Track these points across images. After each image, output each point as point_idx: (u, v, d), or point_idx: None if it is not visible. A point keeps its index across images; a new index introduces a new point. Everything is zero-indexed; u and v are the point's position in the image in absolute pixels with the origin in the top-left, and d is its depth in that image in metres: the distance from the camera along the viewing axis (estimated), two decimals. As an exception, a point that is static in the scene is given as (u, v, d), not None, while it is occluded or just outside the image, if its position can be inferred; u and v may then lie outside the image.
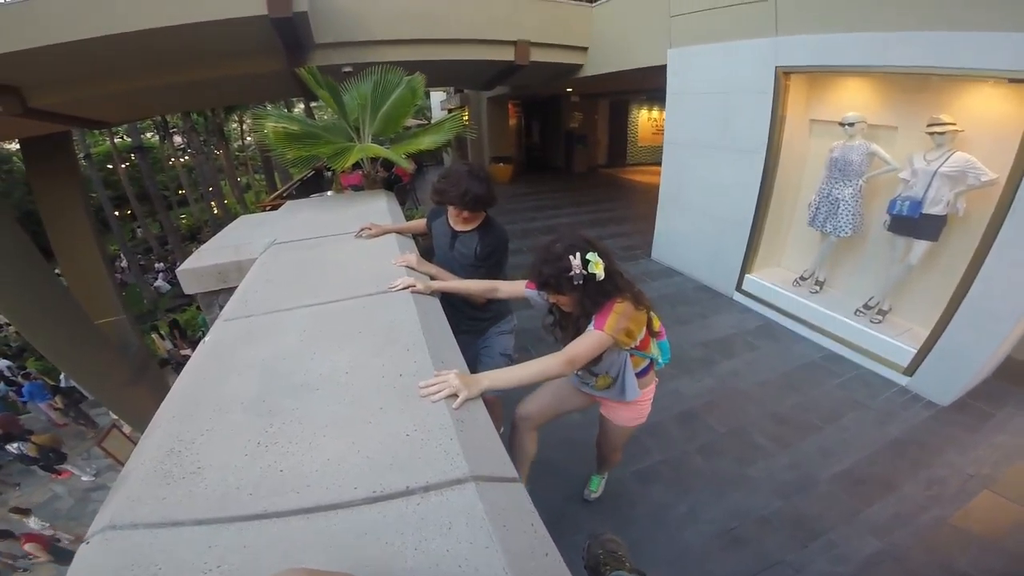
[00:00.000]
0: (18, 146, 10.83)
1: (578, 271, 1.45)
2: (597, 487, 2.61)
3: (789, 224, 4.69)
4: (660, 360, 1.86)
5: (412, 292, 1.71)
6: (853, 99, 3.81)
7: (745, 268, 4.74)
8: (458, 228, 2.18)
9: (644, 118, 14.55)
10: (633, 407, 1.92)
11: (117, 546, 0.80)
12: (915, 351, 3.40)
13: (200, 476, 0.94)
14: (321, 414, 1.12)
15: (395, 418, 1.09)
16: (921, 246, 3.38)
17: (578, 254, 1.47)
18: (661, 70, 5.37)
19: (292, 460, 0.98)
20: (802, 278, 4.47)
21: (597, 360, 1.59)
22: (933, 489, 2.67)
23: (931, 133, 3.17)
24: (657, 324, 1.76)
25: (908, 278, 3.64)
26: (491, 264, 2.14)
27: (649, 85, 9.20)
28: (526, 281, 1.80)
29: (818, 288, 4.32)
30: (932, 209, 3.20)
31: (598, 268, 1.48)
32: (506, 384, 1.32)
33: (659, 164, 5.82)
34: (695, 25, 4.89)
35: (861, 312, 3.91)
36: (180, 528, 0.83)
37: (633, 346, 1.64)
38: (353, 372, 1.28)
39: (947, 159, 3.11)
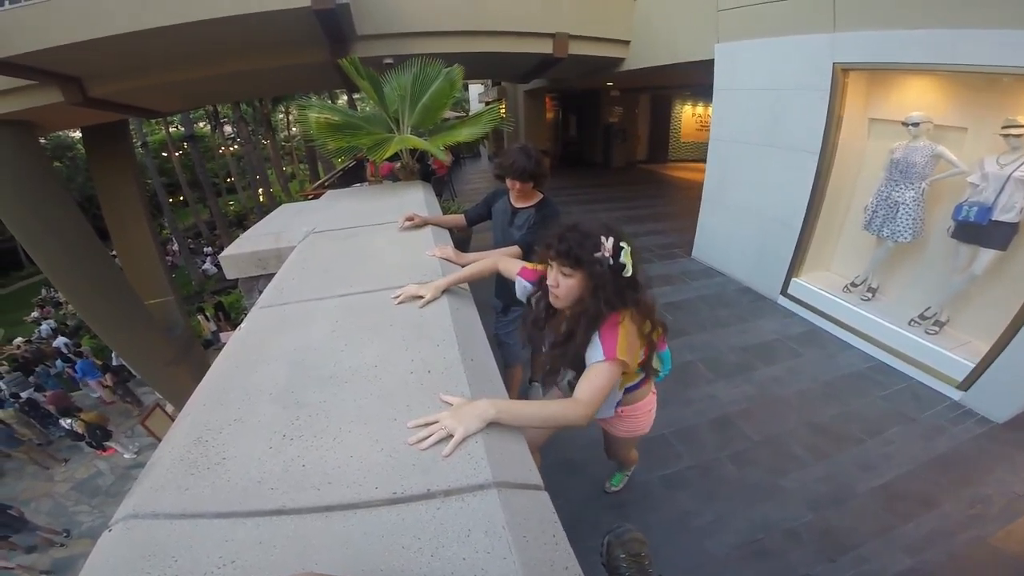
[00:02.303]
0: (80, 134, 11.44)
1: (607, 254, 1.25)
2: (619, 482, 2.58)
3: (841, 227, 4.45)
4: (661, 371, 1.69)
5: (421, 306, 1.56)
6: (918, 98, 3.56)
7: (792, 271, 4.53)
8: (517, 205, 2.43)
9: (688, 114, 14.15)
10: (629, 420, 1.74)
11: (137, 535, 0.80)
12: (972, 365, 3.18)
13: (224, 467, 0.94)
14: (348, 408, 1.11)
15: (421, 416, 1.07)
16: (987, 255, 3.15)
17: (612, 238, 1.27)
18: (707, 65, 5.19)
19: (315, 455, 0.97)
20: (853, 284, 4.25)
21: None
22: (976, 508, 2.51)
23: (1006, 136, 2.95)
24: (658, 333, 1.53)
25: (970, 288, 3.40)
26: (543, 227, 2.32)
27: (694, 80, 8.94)
28: (522, 266, 1.66)
29: (870, 295, 4.09)
30: (1003, 216, 2.98)
31: (629, 260, 1.28)
32: (515, 420, 1.10)
33: (703, 161, 5.64)
34: (745, 19, 4.69)
35: (916, 322, 3.69)
36: (199, 520, 0.83)
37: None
38: (382, 366, 1.27)
39: (1023, 163, 2.88)
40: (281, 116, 27.28)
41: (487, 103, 16.37)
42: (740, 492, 2.63)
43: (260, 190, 24.37)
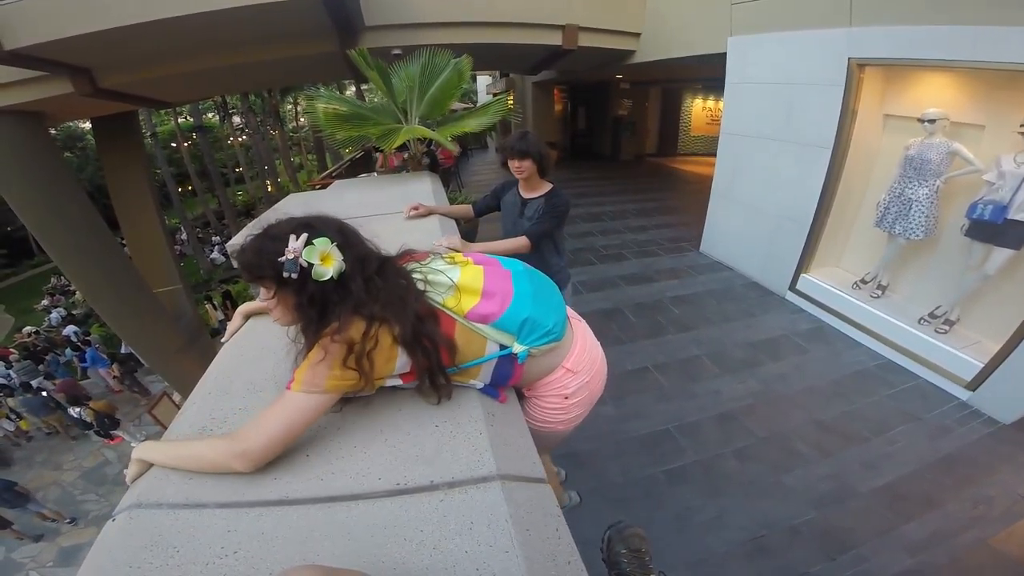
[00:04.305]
0: (90, 125, 11.52)
1: (292, 256, 0.91)
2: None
3: (852, 223, 4.40)
4: (520, 344, 1.09)
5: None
6: (935, 94, 3.50)
7: (801, 267, 4.49)
8: (526, 196, 2.46)
9: (698, 107, 14.03)
10: (534, 406, 1.29)
11: (140, 525, 0.80)
12: (981, 365, 3.15)
13: (228, 456, 0.94)
14: (353, 397, 1.10)
15: (426, 406, 1.07)
16: (1001, 254, 3.10)
17: (306, 235, 0.94)
18: (719, 58, 5.14)
19: (319, 444, 0.97)
20: (863, 281, 4.20)
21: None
22: (979, 508, 2.51)
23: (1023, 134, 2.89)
24: (468, 304, 1.06)
25: (982, 288, 3.35)
26: (552, 216, 2.38)
27: (705, 73, 8.85)
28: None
29: (880, 293, 4.05)
30: (1019, 215, 2.93)
31: (327, 263, 0.94)
32: (170, 463, 0.92)
33: (713, 155, 5.61)
34: (759, 13, 4.64)
35: (926, 321, 3.64)
36: (202, 510, 0.83)
37: (395, 374, 1.01)
38: (387, 356, 1.26)
39: (1040, 161, 2.83)
40: (289, 107, 27.30)
41: (495, 94, 16.30)
42: (743, 488, 2.62)
43: (268, 180, 24.46)
